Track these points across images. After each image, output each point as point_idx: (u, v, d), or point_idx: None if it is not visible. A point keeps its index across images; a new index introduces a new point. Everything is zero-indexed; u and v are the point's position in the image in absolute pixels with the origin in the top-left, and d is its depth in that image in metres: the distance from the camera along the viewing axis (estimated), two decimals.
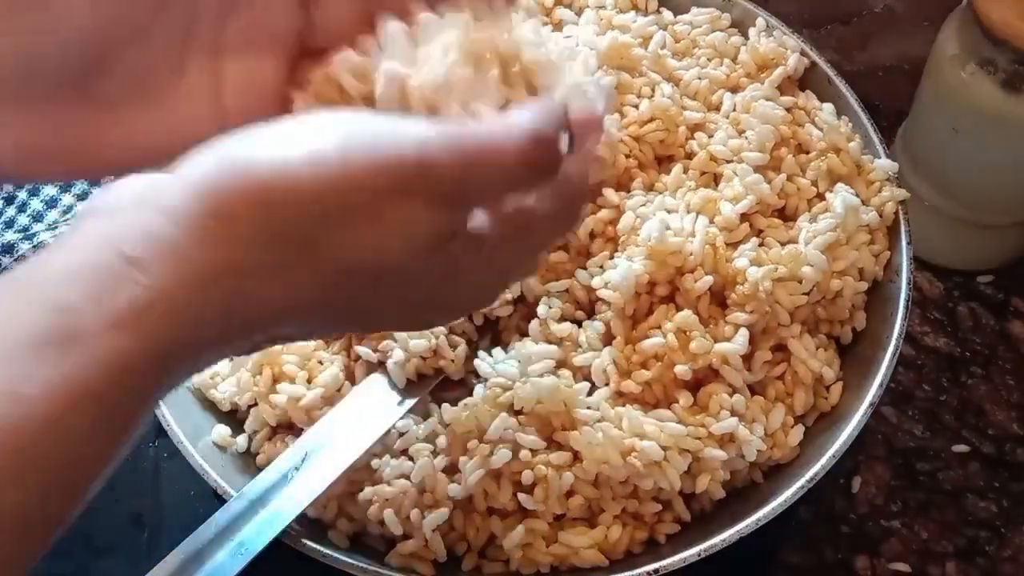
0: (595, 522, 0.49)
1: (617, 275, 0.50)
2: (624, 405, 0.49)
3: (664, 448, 0.47)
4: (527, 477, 0.47)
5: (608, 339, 0.51)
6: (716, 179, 0.55)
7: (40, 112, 0.34)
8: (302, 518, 0.47)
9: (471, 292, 0.38)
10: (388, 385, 0.51)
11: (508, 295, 0.53)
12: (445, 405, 0.50)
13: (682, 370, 0.49)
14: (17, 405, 0.27)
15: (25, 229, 0.62)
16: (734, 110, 0.56)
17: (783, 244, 0.52)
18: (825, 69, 0.59)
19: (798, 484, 0.47)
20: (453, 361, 0.51)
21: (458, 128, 0.33)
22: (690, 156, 0.55)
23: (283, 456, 0.48)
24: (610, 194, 0.54)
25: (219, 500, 0.47)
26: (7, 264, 0.58)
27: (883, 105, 0.70)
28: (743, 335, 0.49)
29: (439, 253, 0.34)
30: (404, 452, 0.50)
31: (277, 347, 0.51)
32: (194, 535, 0.44)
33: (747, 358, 0.50)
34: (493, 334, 0.54)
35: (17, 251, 0.59)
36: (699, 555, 0.46)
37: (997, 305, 0.68)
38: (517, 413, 0.49)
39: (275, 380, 0.51)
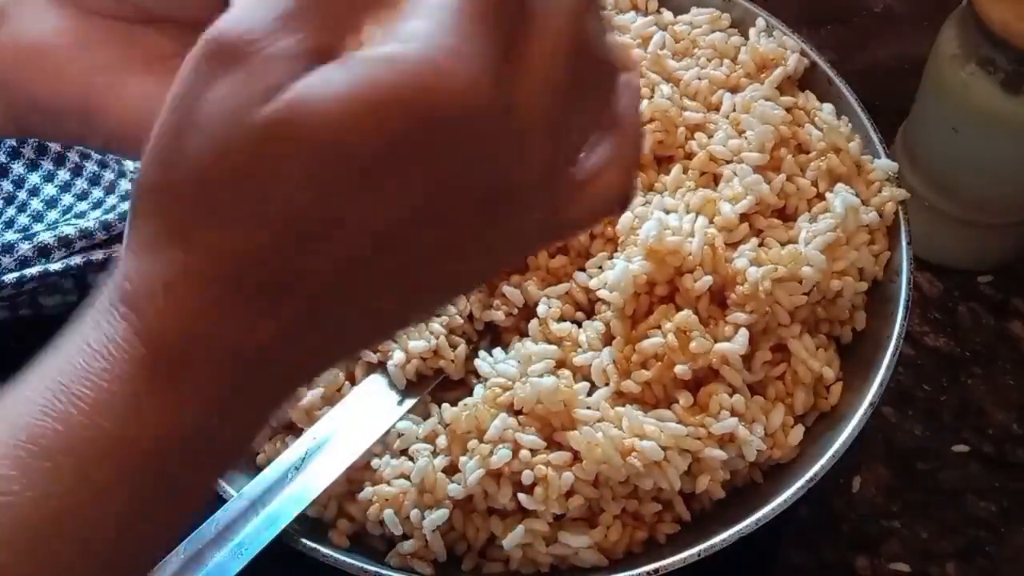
0: (595, 522, 0.49)
1: (614, 275, 0.50)
2: (624, 405, 0.49)
3: (664, 448, 0.47)
4: (527, 477, 0.47)
5: (608, 339, 0.51)
6: (716, 179, 0.55)
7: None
8: (302, 518, 0.47)
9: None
10: (388, 385, 0.51)
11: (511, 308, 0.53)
12: (445, 405, 0.50)
13: (682, 370, 0.49)
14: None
15: (25, 229, 0.62)
16: (734, 110, 0.56)
17: (783, 244, 0.52)
18: (825, 69, 0.59)
19: (798, 484, 0.48)
20: (453, 361, 0.51)
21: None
22: (690, 156, 0.55)
23: (283, 456, 0.48)
24: None
25: (219, 500, 0.47)
26: (7, 264, 0.58)
27: (883, 105, 0.70)
28: (743, 335, 0.49)
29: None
30: (404, 452, 0.50)
31: None
32: (194, 535, 0.44)
33: (747, 358, 0.50)
34: (493, 334, 0.54)
35: (17, 251, 0.58)
36: (699, 555, 0.46)
37: (997, 305, 0.68)
38: (517, 413, 0.49)
39: None
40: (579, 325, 0.52)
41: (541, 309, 0.52)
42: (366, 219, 0.24)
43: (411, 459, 0.49)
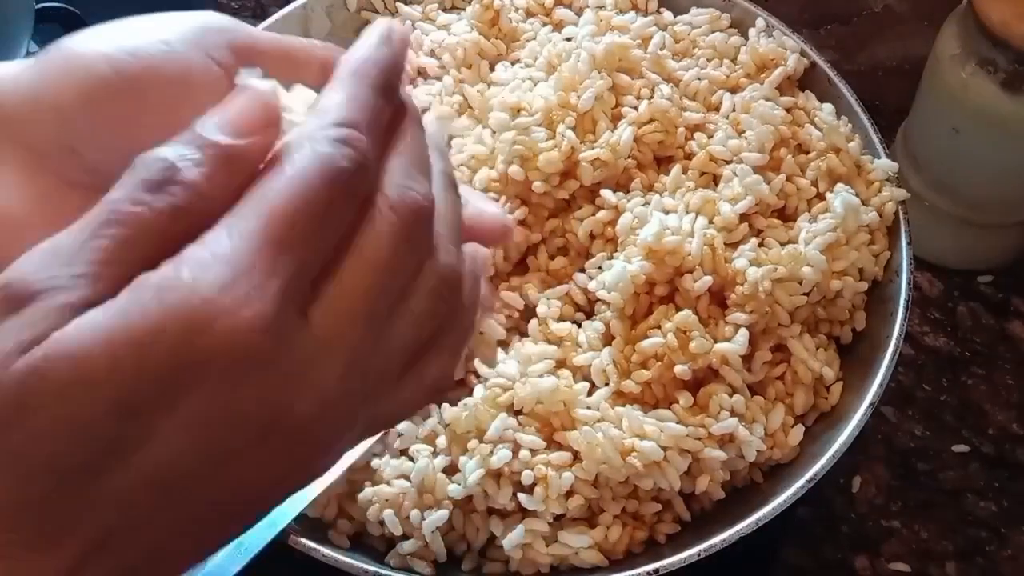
0: (595, 522, 0.49)
1: (612, 276, 0.50)
2: (624, 405, 0.49)
3: (664, 448, 0.47)
4: (527, 477, 0.47)
5: (608, 339, 0.51)
6: (715, 179, 0.55)
7: None
8: (302, 518, 0.47)
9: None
10: None
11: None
12: (445, 405, 0.50)
13: (682, 370, 0.49)
14: None
15: None
16: (733, 110, 0.56)
17: (783, 244, 0.52)
18: (825, 69, 0.59)
19: (798, 484, 0.47)
20: None
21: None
22: (689, 157, 0.55)
23: None
24: (609, 195, 0.54)
25: None
26: None
27: (883, 105, 0.70)
28: (743, 335, 0.49)
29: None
30: (404, 452, 0.50)
31: None
32: None
33: (747, 358, 0.50)
34: None
35: None
36: (699, 555, 0.46)
37: (997, 305, 0.68)
38: (517, 413, 0.49)
39: None
40: (579, 325, 0.52)
41: (541, 309, 0.52)
42: (141, 454, 0.23)
43: (411, 459, 0.49)
